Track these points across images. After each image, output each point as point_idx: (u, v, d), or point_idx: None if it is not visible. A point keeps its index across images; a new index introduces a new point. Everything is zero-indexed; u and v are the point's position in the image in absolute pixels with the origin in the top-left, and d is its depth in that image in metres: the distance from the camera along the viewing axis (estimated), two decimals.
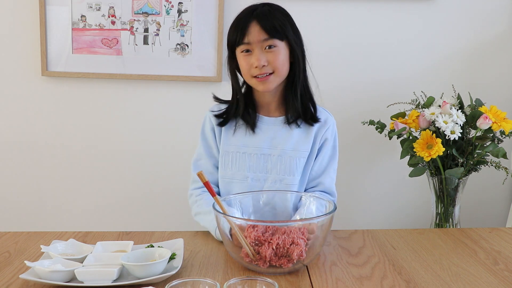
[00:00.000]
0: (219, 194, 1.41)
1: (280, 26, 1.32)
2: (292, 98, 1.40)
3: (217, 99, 1.49)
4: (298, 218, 1.27)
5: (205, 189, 1.40)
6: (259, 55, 1.31)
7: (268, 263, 1.08)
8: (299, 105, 1.40)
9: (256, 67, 1.32)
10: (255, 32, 1.31)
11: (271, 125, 1.42)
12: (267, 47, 1.32)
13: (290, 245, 1.08)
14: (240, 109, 1.41)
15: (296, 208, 1.34)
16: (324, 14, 2.08)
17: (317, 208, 1.25)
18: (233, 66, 1.41)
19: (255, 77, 1.34)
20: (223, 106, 1.46)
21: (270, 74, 1.33)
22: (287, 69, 1.37)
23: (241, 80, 1.44)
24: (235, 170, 1.40)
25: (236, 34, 1.33)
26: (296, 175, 1.39)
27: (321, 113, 1.45)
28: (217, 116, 1.44)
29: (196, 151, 1.49)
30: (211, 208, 1.31)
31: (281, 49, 1.34)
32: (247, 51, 1.33)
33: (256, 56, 1.31)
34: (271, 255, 1.07)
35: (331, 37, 2.10)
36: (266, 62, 1.32)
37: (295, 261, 1.07)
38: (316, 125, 1.43)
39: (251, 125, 1.41)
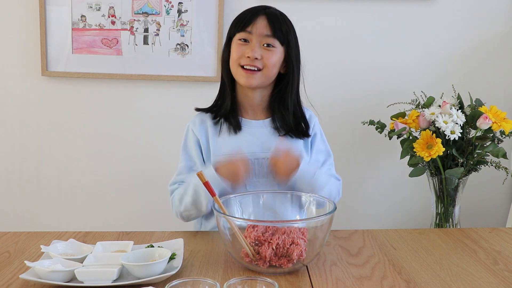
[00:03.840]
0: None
1: (285, 30, 1.33)
2: (281, 111, 1.40)
3: (199, 109, 1.46)
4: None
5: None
6: (256, 47, 1.31)
7: (268, 263, 1.08)
8: (290, 121, 1.39)
9: (248, 57, 1.31)
10: (260, 25, 1.31)
11: (259, 128, 1.41)
12: (265, 44, 1.32)
13: (290, 245, 1.08)
14: (228, 103, 1.38)
15: (297, 208, 1.33)
16: (324, 13, 2.08)
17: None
18: (226, 55, 1.38)
19: (242, 67, 1.33)
20: (206, 118, 1.43)
21: (258, 70, 1.33)
22: (275, 74, 1.36)
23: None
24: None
25: (240, 22, 1.32)
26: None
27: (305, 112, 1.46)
28: (209, 114, 1.42)
29: (178, 166, 1.43)
30: (187, 183, 1.32)
31: (278, 52, 1.34)
32: (245, 40, 1.32)
33: (252, 47, 1.31)
34: (271, 255, 1.07)
35: (330, 37, 2.10)
36: (260, 56, 1.31)
37: (295, 261, 1.07)
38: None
39: (234, 126, 1.38)
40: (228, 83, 1.40)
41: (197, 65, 2.10)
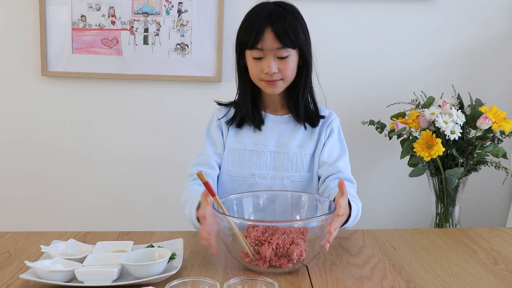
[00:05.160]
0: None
1: (293, 33, 1.31)
2: (295, 101, 1.42)
3: (219, 103, 1.49)
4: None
5: (196, 179, 1.40)
6: (271, 62, 1.31)
7: (268, 263, 1.08)
8: (302, 110, 1.42)
9: (266, 73, 1.32)
10: (269, 40, 1.29)
11: (278, 123, 1.44)
12: (279, 56, 1.32)
13: (290, 245, 1.08)
14: (249, 109, 1.42)
15: (297, 208, 1.33)
16: (324, 14, 2.08)
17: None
18: (242, 65, 1.40)
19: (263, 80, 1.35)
20: (232, 110, 1.47)
21: (279, 79, 1.35)
22: (295, 74, 1.38)
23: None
24: (241, 167, 1.42)
25: (250, 37, 1.30)
26: (302, 172, 1.41)
27: (323, 111, 1.48)
28: (227, 122, 1.45)
29: (200, 149, 1.48)
30: (188, 198, 1.32)
31: (292, 57, 1.34)
32: (258, 56, 1.33)
33: (268, 63, 1.31)
34: (271, 255, 1.07)
35: (330, 37, 2.10)
36: (277, 69, 1.32)
37: (295, 261, 1.07)
38: (320, 121, 1.45)
39: (258, 124, 1.42)
40: (248, 87, 1.42)
41: (197, 65, 2.10)
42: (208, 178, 1.38)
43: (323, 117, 1.45)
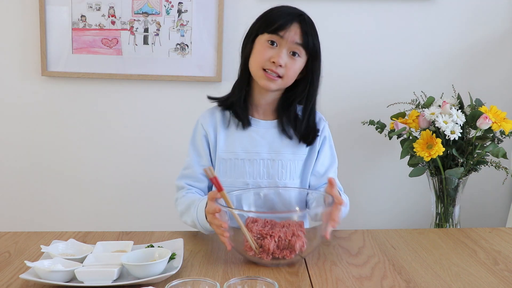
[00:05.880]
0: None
1: (315, 40, 1.32)
2: (288, 114, 1.38)
3: (211, 98, 1.43)
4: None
5: (188, 189, 1.39)
6: (283, 53, 1.29)
7: (271, 256, 1.10)
8: (303, 127, 1.38)
9: (273, 62, 1.29)
10: (293, 32, 1.29)
11: (269, 128, 1.39)
12: (292, 52, 1.30)
13: (292, 237, 1.10)
14: (241, 96, 1.37)
15: (297, 204, 1.33)
16: (324, 14, 2.08)
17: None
18: (249, 50, 1.35)
19: (264, 70, 1.31)
20: (216, 111, 1.42)
21: (279, 77, 1.31)
22: (294, 80, 1.35)
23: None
24: (234, 177, 1.37)
25: (277, 21, 1.29)
26: (295, 179, 1.39)
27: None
28: (221, 104, 1.41)
29: (185, 160, 1.44)
30: (189, 203, 1.31)
31: (301, 61, 1.32)
32: (273, 43, 1.30)
33: (280, 54, 1.29)
34: (274, 247, 1.09)
35: (330, 37, 2.10)
36: (284, 64, 1.29)
37: (297, 252, 1.09)
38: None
39: (243, 121, 1.37)
40: (244, 77, 1.38)
41: (197, 65, 2.10)
42: (196, 192, 1.38)
43: (315, 137, 1.40)
